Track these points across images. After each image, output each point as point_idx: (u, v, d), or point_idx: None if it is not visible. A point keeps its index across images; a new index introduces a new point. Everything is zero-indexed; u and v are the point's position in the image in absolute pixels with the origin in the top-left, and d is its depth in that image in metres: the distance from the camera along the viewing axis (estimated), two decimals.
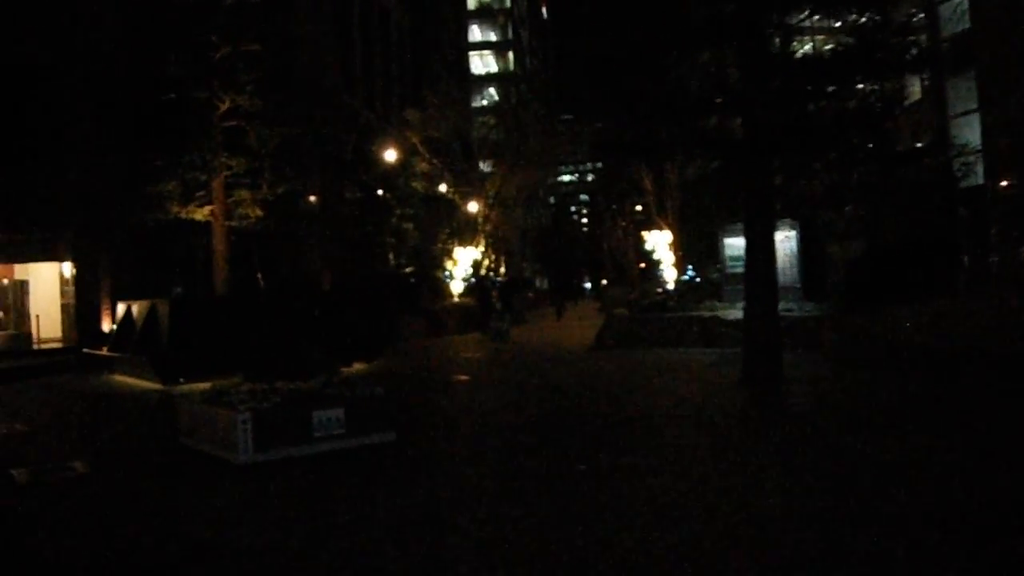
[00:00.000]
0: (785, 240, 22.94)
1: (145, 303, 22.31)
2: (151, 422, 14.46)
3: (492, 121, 56.92)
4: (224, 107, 23.28)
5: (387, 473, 9.56)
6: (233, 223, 24.17)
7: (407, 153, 42.27)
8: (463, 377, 19.41)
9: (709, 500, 7.82)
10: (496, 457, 10.24)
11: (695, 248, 38.63)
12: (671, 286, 35.84)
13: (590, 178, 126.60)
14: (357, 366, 22.27)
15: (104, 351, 23.70)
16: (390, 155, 41.25)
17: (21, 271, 29.53)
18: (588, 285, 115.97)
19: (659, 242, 38.07)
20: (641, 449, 10.42)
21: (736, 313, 22.39)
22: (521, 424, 12.62)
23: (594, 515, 7.45)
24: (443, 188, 43.56)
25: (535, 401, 15.02)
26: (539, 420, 13.01)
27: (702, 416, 12.60)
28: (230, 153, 23.33)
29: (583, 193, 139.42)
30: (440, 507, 7.98)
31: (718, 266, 25.57)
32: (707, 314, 22.77)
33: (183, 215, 23.43)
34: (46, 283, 29.25)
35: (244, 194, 23.91)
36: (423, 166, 43.13)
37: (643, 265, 59.25)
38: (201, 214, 23.70)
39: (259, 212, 23.97)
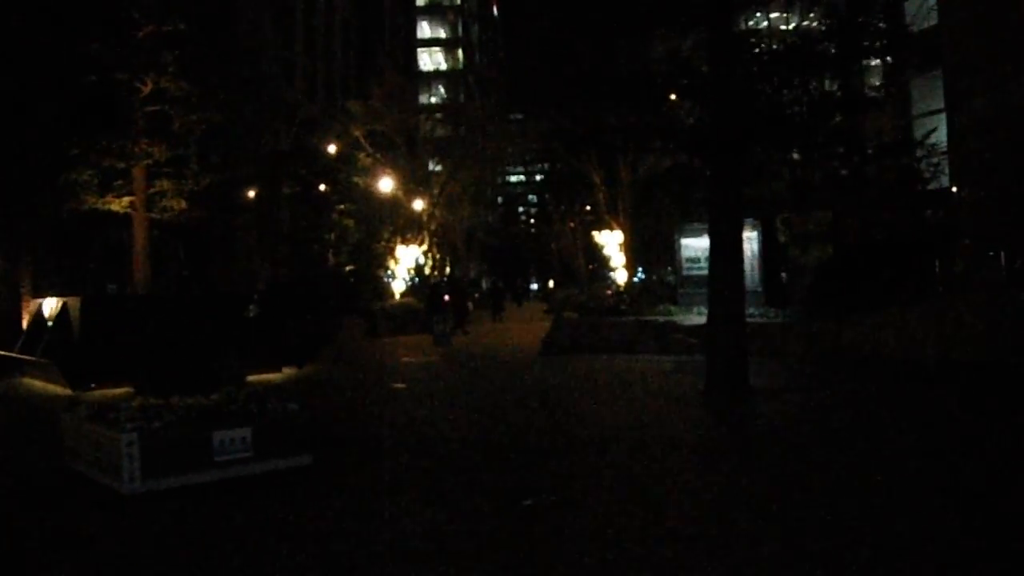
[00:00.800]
0: (746, 241, 21.64)
1: (58, 301, 20.46)
2: (41, 438, 12.73)
3: (439, 117, 55.73)
4: (146, 90, 21.51)
5: (295, 505, 8.02)
6: (155, 215, 22.40)
7: (349, 147, 40.66)
8: (399, 385, 17.86)
9: (672, 553, 6.38)
10: (427, 487, 8.71)
11: (647, 249, 37.39)
12: (621, 288, 34.60)
13: (539, 178, 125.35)
14: (287, 371, 20.68)
15: (15, 352, 21.78)
16: (331, 148, 39.64)
17: None
18: (535, 286, 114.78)
19: (610, 242, 36.74)
20: (597, 477, 8.97)
21: (693, 319, 21.13)
22: (459, 447, 11.09)
23: (541, 566, 6.01)
24: (387, 184, 41.86)
25: (476, 417, 13.51)
26: (479, 442, 11.49)
27: (663, 435, 11.20)
28: (152, 140, 21.54)
29: (532, 194, 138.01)
30: (354, 555, 6.47)
31: (670, 269, 24.32)
32: (662, 319, 21.46)
33: (100, 206, 21.57)
34: None
35: (167, 184, 22.17)
36: (366, 161, 41.50)
37: (591, 267, 57.98)
38: (119, 205, 21.89)
39: (183, 204, 22.24)
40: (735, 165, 14.03)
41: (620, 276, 35.91)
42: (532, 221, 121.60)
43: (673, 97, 15.08)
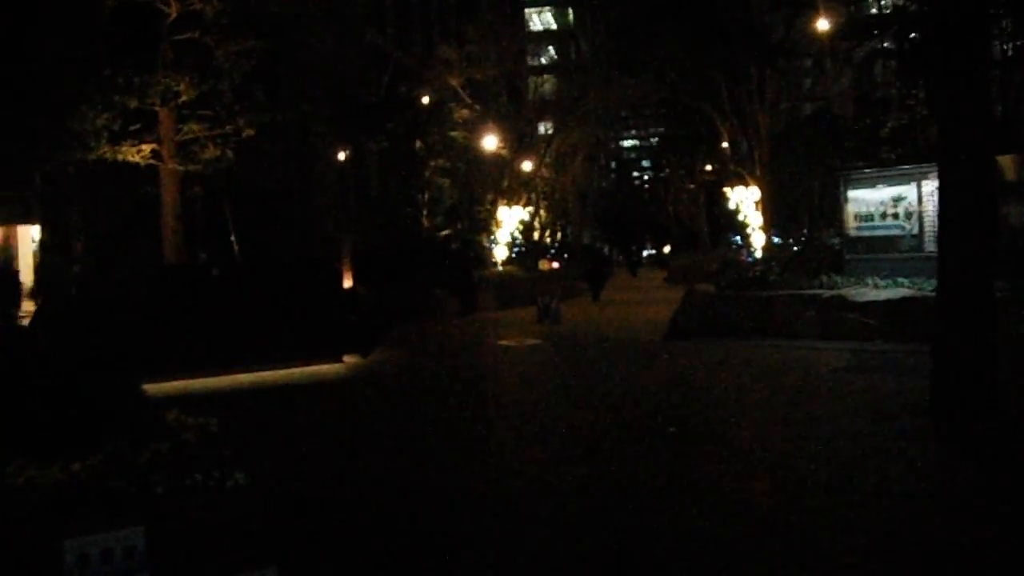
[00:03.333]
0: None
1: None
2: None
3: (548, 78, 51.40)
4: (173, 12, 17.41)
5: None
6: (188, 167, 18.39)
7: (445, 98, 36.26)
8: (482, 386, 13.48)
9: None
10: None
11: (791, 207, 32.14)
12: (758, 253, 29.45)
13: (654, 141, 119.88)
14: (349, 359, 16.53)
15: None
16: (424, 100, 35.35)
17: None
18: (648, 252, 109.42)
19: (745, 200, 31.55)
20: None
21: (868, 293, 16.18)
22: (558, 507, 6.66)
23: None
24: (490, 141, 37.37)
25: (585, 445, 9.01)
26: (591, 493, 7.05)
27: (871, 492, 6.62)
28: (179, 73, 17.46)
29: (645, 159, 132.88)
30: None
31: (831, 230, 19.23)
32: (827, 293, 16.49)
33: (113, 156, 17.60)
34: (25, 248, 23.92)
35: (196, 128, 18.10)
36: (464, 113, 37.04)
37: (718, 230, 52.25)
38: (137, 156, 17.87)
39: (216, 152, 18.13)
40: (978, 53, 9.07)
41: (757, 239, 30.79)
42: (647, 185, 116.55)
43: None
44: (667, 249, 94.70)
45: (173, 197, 18.58)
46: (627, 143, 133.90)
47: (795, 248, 24.47)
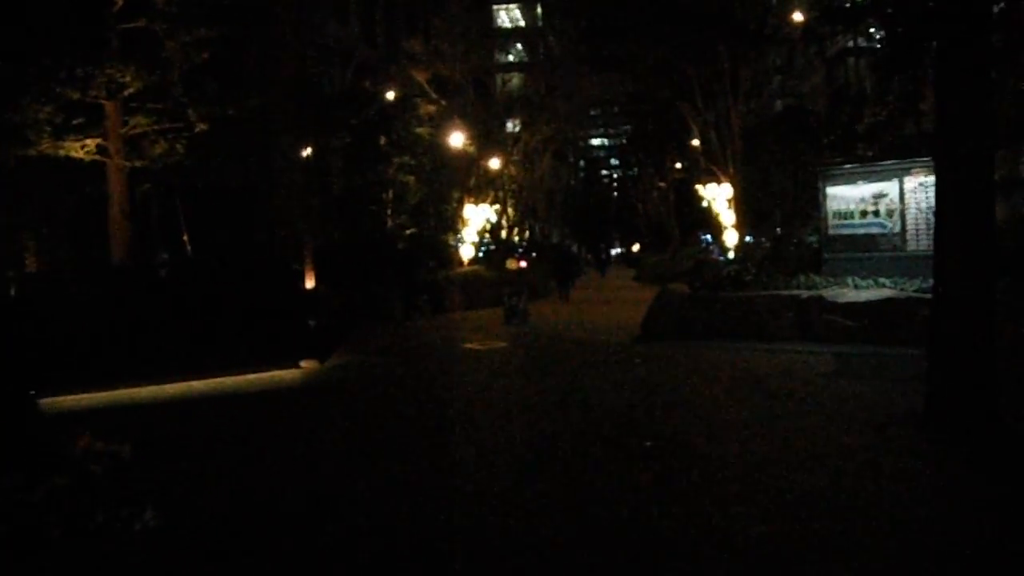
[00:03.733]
0: (920, 190, 15.92)
1: None
2: None
3: (515, 76, 50.79)
4: (120, 0, 16.49)
5: None
6: (137, 163, 17.45)
7: (410, 93, 35.39)
8: (445, 394, 12.68)
9: None
10: None
11: (758, 206, 31.46)
12: (731, 253, 28.74)
13: (623, 141, 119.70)
14: (307, 365, 15.70)
15: None
16: (389, 95, 34.48)
17: None
18: (616, 250, 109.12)
19: (716, 198, 30.74)
20: None
21: (848, 293, 15.55)
22: (528, 537, 5.89)
23: None
24: (456, 137, 36.52)
25: (554, 462, 8.25)
26: (563, 521, 6.27)
27: (867, 516, 5.96)
28: (125, 64, 16.51)
29: (614, 158, 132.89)
30: None
31: (808, 228, 18.53)
32: (805, 294, 15.81)
33: (55, 152, 16.62)
34: None
35: (142, 121, 17.16)
36: (429, 108, 36.16)
37: (692, 229, 51.45)
38: (82, 151, 16.91)
39: (165, 147, 17.20)
40: (980, 47, 8.38)
41: (730, 238, 30.07)
42: (615, 184, 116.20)
43: None
44: (636, 248, 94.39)
45: (121, 195, 17.61)
46: (595, 141, 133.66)
47: (767, 246, 23.83)
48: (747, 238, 31.00)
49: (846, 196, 16.73)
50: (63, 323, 14.36)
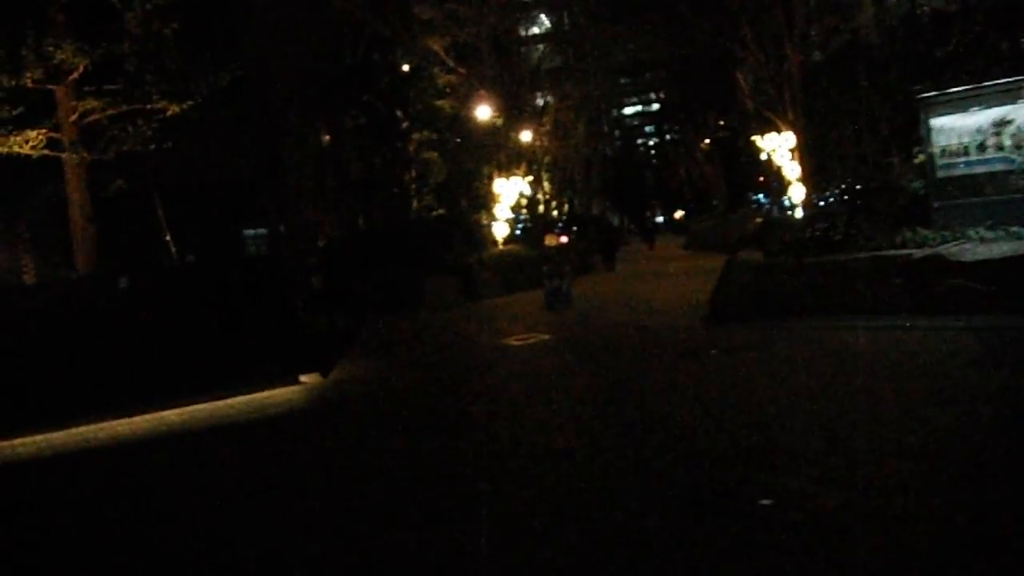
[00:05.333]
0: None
1: None
2: None
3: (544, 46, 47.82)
4: None
5: None
6: (100, 157, 14.64)
7: (425, 62, 32.30)
8: (478, 415, 9.69)
9: None
10: None
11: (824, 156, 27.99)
12: (799, 212, 25.30)
13: (656, 107, 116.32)
14: (307, 379, 12.86)
15: None
16: (403, 68, 31.51)
17: None
18: (659, 219, 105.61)
19: (776, 149, 27.22)
20: None
21: (976, 248, 12.33)
22: None
23: None
24: (482, 109, 33.46)
25: (627, 536, 5.25)
26: None
27: None
28: (77, 41, 13.67)
29: (649, 125, 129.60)
30: None
31: (910, 174, 15.13)
32: (918, 253, 12.57)
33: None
34: None
35: (95, 104, 14.32)
36: (448, 78, 33.06)
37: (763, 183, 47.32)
38: (27, 146, 14.11)
39: (134, 134, 14.38)
40: None
41: (797, 193, 26.56)
42: (653, 151, 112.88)
43: None
44: (679, 214, 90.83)
45: (82, 194, 14.85)
46: (629, 110, 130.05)
47: (832, 202, 20.40)
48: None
49: (958, 127, 13.41)
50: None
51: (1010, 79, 13.25)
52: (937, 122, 13.72)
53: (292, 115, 27.72)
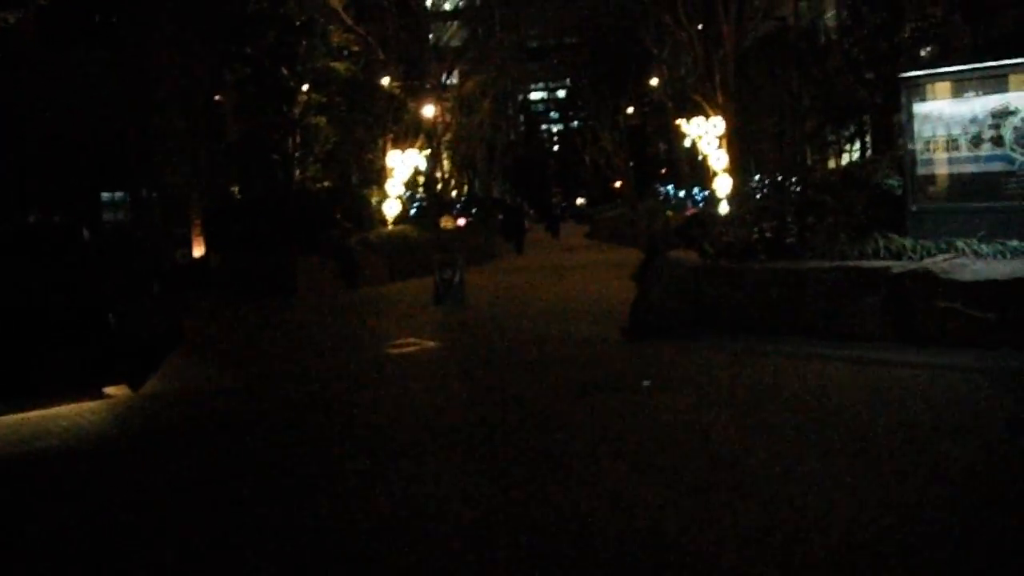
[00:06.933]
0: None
1: None
2: None
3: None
4: None
5: None
6: None
7: (318, 16, 28.95)
8: (332, 459, 6.77)
9: None
10: None
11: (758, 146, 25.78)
12: (724, 206, 22.74)
13: (563, 94, 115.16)
14: (115, 391, 9.83)
15: None
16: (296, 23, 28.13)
17: None
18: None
19: (703, 135, 24.57)
20: None
21: (973, 265, 9.89)
22: None
23: None
24: (384, 79, 30.35)
25: None
26: None
27: None
28: None
29: (553, 111, 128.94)
30: None
31: (883, 165, 12.73)
32: (897, 267, 10.12)
33: None
34: None
35: None
36: (345, 37, 29.80)
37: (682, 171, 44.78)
38: None
39: None
40: None
41: (722, 185, 23.98)
42: (556, 137, 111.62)
43: None
44: (580, 201, 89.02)
45: None
46: (535, 96, 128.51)
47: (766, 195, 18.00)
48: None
49: (948, 116, 10.94)
50: None
51: (1017, 59, 10.77)
52: (923, 108, 11.19)
53: (165, 63, 24.34)
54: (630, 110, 50.84)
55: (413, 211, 36.69)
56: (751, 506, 5.28)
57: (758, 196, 15.87)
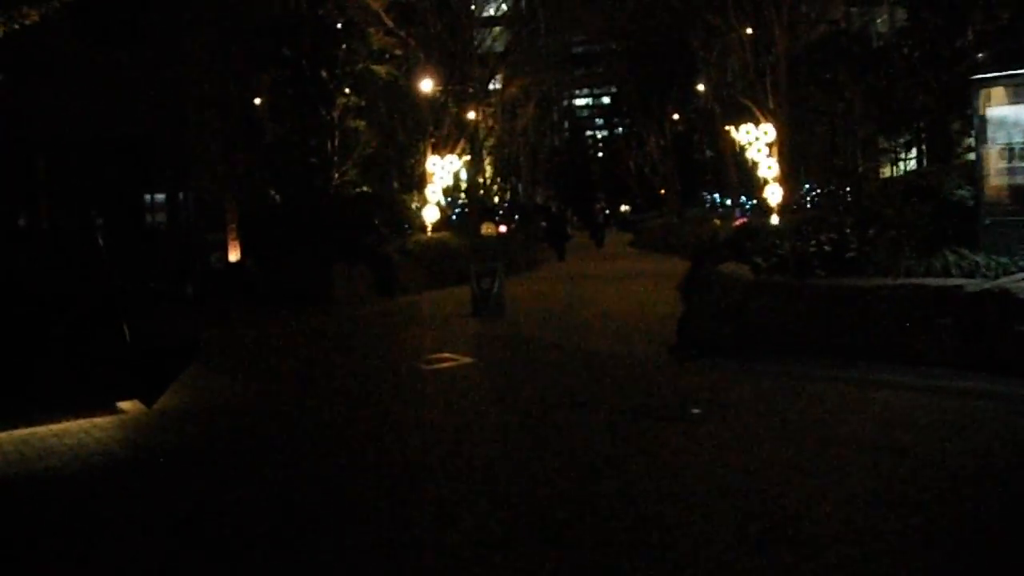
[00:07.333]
0: None
1: None
2: None
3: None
4: None
5: None
6: None
7: (361, 18, 28.44)
8: (362, 495, 6.11)
9: None
10: None
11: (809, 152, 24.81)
12: (774, 218, 21.81)
13: (609, 101, 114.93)
14: (128, 407, 9.25)
15: None
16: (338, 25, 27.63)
17: None
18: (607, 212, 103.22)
19: (753, 142, 23.60)
20: None
21: None
22: None
23: None
24: (427, 84, 29.82)
25: None
26: None
27: None
28: None
29: (598, 118, 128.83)
30: None
31: (952, 175, 11.85)
32: (971, 285, 9.27)
33: None
34: None
35: None
36: (386, 40, 29.30)
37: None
38: None
39: None
40: None
41: (772, 194, 23.00)
42: (601, 143, 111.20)
43: None
44: (623, 209, 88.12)
45: None
46: (579, 102, 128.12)
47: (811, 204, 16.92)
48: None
49: None
50: None
51: None
52: (997, 112, 10.36)
53: (203, 65, 23.99)
54: (676, 116, 49.89)
55: (454, 217, 36.13)
56: (818, 570, 4.53)
57: (808, 206, 15.00)
